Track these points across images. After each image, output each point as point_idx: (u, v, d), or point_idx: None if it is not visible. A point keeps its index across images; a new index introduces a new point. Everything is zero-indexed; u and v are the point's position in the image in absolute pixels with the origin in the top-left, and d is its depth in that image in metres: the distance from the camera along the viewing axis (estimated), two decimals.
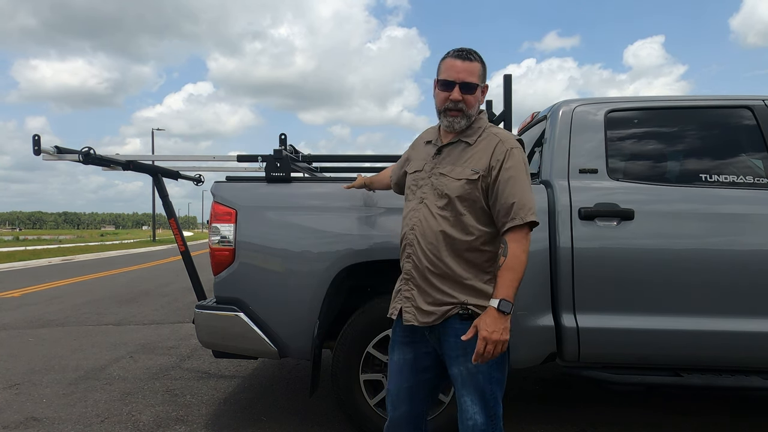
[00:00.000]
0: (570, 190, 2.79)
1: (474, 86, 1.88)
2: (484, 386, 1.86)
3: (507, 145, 1.86)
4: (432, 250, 1.88)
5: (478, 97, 1.91)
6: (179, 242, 3.66)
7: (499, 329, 1.74)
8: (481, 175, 1.85)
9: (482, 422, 1.87)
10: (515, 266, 1.76)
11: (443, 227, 1.88)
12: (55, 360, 4.79)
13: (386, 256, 2.81)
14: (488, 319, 1.75)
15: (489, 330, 1.73)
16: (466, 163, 1.90)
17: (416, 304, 1.91)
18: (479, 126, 1.94)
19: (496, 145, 1.87)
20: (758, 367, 2.72)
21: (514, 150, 1.85)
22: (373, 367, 2.87)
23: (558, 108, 3.01)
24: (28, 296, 8.98)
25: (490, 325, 1.74)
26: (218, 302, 2.92)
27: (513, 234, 1.79)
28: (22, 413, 3.47)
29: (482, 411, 1.87)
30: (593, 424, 3.25)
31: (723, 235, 2.72)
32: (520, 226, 1.79)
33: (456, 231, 1.87)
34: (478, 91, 1.90)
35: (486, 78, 1.96)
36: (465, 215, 1.87)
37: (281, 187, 2.97)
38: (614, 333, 2.70)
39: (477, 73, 1.89)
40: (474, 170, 1.87)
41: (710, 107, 2.96)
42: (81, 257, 19.81)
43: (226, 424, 3.25)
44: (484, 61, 1.93)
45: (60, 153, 3.37)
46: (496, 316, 1.74)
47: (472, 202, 1.87)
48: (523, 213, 1.79)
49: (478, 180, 1.86)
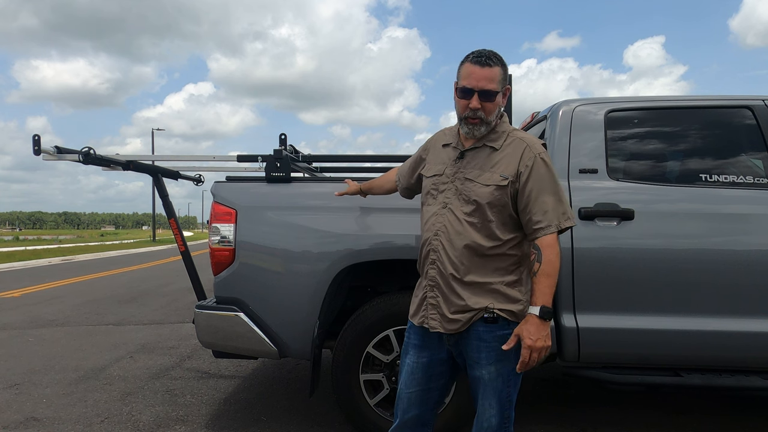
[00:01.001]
0: (570, 190, 2.79)
1: (493, 93, 1.83)
2: (502, 390, 1.87)
3: (535, 151, 1.84)
4: (458, 256, 1.85)
5: (498, 103, 1.87)
6: (179, 242, 3.66)
7: (543, 336, 1.75)
8: (510, 180, 1.83)
9: (496, 424, 1.88)
10: (551, 272, 1.77)
11: (471, 233, 1.85)
12: (55, 360, 4.79)
13: (386, 256, 2.81)
14: (531, 327, 1.75)
15: (533, 338, 1.74)
16: (494, 168, 1.86)
17: (442, 311, 1.88)
18: (503, 130, 1.91)
19: (524, 151, 1.84)
20: (758, 367, 2.72)
21: (542, 155, 1.84)
22: (373, 367, 2.87)
23: (558, 108, 3.01)
24: (28, 296, 8.98)
25: (533, 333, 1.74)
26: (218, 302, 2.92)
27: (545, 239, 1.79)
28: (22, 413, 3.47)
29: (498, 414, 1.88)
30: (593, 424, 3.25)
31: (723, 235, 2.72)
32: (552, 231, 1.79)
33: (483, 237, 1.85)
34: (498, 98, 1.85)
35: (506, 80, 1.91)
36: (493, 221, 1.85)
37: (281, 187, 2.97)
38: (614, 333, 2.70)
39: (497, 79, 1.83)
40: (503, 176, 1.84)
41: (710, 107, 2.96)
42: (81, 257, 19.81)
43: (226, 424, 3.25)
44: (504, 63, 1.88)
45: (60, 153, 3.37)
46: (538, 324, 1.75)
47: (501, 208, 1.85)
48: (557, 219, 1.80)
49: (508, 186, 1.83)
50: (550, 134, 2.99)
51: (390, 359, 2.82)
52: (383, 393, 2.83)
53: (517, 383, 1.90)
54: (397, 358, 2.81)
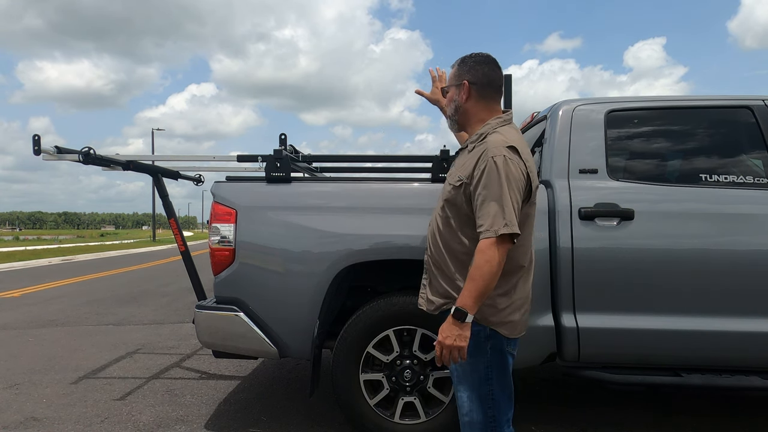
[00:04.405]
0: (570, 190, 2.79)
1: (444, 90, 2.12)
2: (470, 381, 1.92)
3: (489, 154, 1.82)
4: (434, 246, 2.02)
5: (450, 98, 2.05)
6: (179, 242, 3.66)
7: (453, 335, 1.77)
8: (464, 182, 1.88)
9: (480, 420, 1.93)
10: (474, 276, 1.76)
11: (440, 226, 1.99)
12: (55, 360, 4.79)
13: (386, 256, 2.81)
14: (444, 325, 1.80)
15: (443, 335, 1.80)
16: (460, 168, 1.95)
17: (427, 292, 2.07)
18: (482, 131, 1.96)
19: (482, 153, 1.85)
20: (758, 367, 2.72)
21: (495, 158, 1.80)
22: (373, 367, 2.87)
23: (558, 108, 3.01)
24: (28, 296, 8.97)
25: (444, 330, 1.80)
26: (218, 302, 2.92)
27: (480, 244, 1.78)
28: (22, 413, 3.47)
29: (480, 409, 1.92)
30: (593, 424, 3.25)
31: (723, 235, 2.72)
32: (489, 236, 1.76)
33: (448, 232, 1.96)
34: (449, 92, 2.06)
35: (463, 75, 2.00)
36: (452, 218, 1.94)
37: (281, 187, 2.97)
38: (614, 333, 2.70)
39: (449, 77, 2.08)
40: (459, 177, 1.91)
41: (710, 107, 2.96)
42: (81, 257, 19.80)
43: (226, 424, 3.25)
44: (463, 61, 2.02)
45: (60, 153, 3.37)
46: (450, 322, 1.78)
47: (457, 208, 1.92)
48: (496, 224, 1.75)
49: (461, 187, 1.89)
50: (550, 134, 2.99)
51: (390, 359, 2.81)
52: (383, 393, 2.83)
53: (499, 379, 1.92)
54: (397, 358, 2.81)
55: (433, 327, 2.75)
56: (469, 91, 1.98)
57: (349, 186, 3.03)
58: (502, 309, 1.89)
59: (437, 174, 2.92)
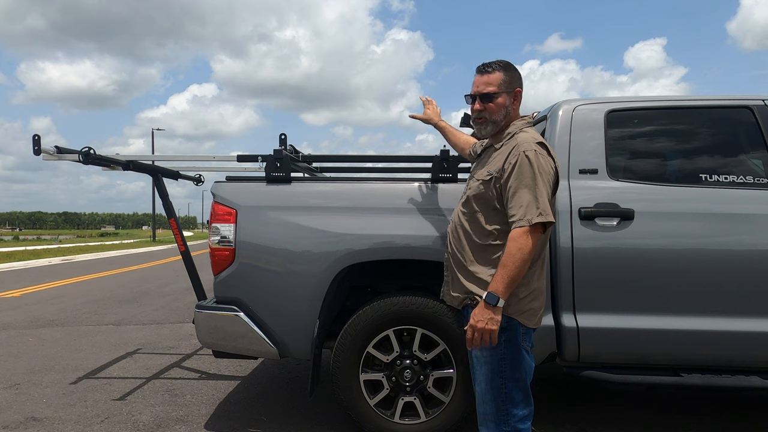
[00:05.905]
0: (570, 190, 2.79)
1: (491, 95, 2.06)
2: (491, 377, 2.00)
3: (521, 149, 1.96)
4: (455, 243, 2.14)
5: (501, 104, 2.07)
6: (179, 242, 3.66)
7: (485, 319, 1.88)
8: (494, 176, 2.00)
9: (492, 413, 2.01)
10: (507, 263, 1.88)
11: (463, 223, 2.10)
12: (55, 360, 4.79)
13: (386, 256, 2.81)
14: (477, 309, 1.93)
15: (475, 319, 1.90)
16: (488, 165, 2.07)
17: (449, 288, 2.19)
18: (509, 131, 2.09)
19: (512, 149, 1.99)
20: (758, 367, 2.72)
21: (527, 153, 1.94)
22: (373, 367, 2.87)
23: (558, 107, 3.01)
24: (28, 296, 8.97)
25: (476, 314, 1.90)
26: (218, 302, 2.92)
27: (513, 232, 1.91)
28: (22, 413, 3.47)
29: (492, 401, 2.00)
30: (593, 424, 3.25)
31: (723, 235, 2.71)
32: (522, 225, 1.88)
33: (471, 227, 2.07)
34: (500, 98, 2.06)
35: (514, 83, 2.09)
36: (478, 212, 2.06)
37: (281, 187, 2.97)
38: (614, 333, 2.70)
39: (495, 82, 2.06)
40: (489, 172, 2.03)
41: (710, 107, 2.96)
42: (81, 257, 19.81)
43: (226, 424, 3.25)
44: (508, 67, 2.07)
45: (60, 153, 3.37)
46: (482, 307, 1.90)
47: (485, 202, 2.03)
48: (530, 214, 1.89)
49: (491, 181, 2.01)
50: (550, 134, 2.99)
51: (390, 359, 2.81)
52: (383, 393, 2.83)
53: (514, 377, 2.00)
54: (397, 358, 2.81)
55: (432, 327, 2.75)
56: (519, 98, 2.12)
57: (349, 186, 3.03)
58: (522, 298, 1.99)
59: (437, 174, 2.92)
